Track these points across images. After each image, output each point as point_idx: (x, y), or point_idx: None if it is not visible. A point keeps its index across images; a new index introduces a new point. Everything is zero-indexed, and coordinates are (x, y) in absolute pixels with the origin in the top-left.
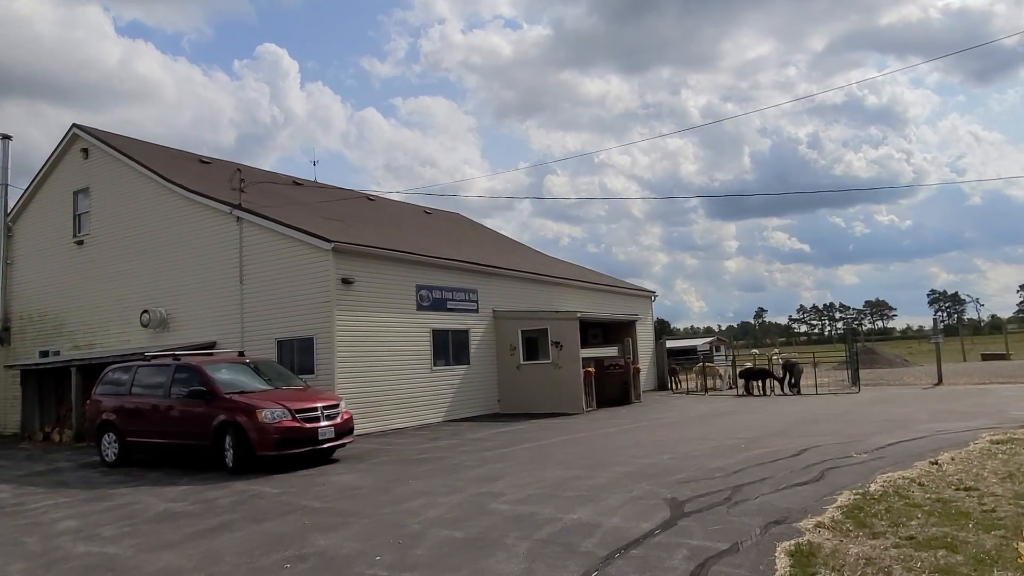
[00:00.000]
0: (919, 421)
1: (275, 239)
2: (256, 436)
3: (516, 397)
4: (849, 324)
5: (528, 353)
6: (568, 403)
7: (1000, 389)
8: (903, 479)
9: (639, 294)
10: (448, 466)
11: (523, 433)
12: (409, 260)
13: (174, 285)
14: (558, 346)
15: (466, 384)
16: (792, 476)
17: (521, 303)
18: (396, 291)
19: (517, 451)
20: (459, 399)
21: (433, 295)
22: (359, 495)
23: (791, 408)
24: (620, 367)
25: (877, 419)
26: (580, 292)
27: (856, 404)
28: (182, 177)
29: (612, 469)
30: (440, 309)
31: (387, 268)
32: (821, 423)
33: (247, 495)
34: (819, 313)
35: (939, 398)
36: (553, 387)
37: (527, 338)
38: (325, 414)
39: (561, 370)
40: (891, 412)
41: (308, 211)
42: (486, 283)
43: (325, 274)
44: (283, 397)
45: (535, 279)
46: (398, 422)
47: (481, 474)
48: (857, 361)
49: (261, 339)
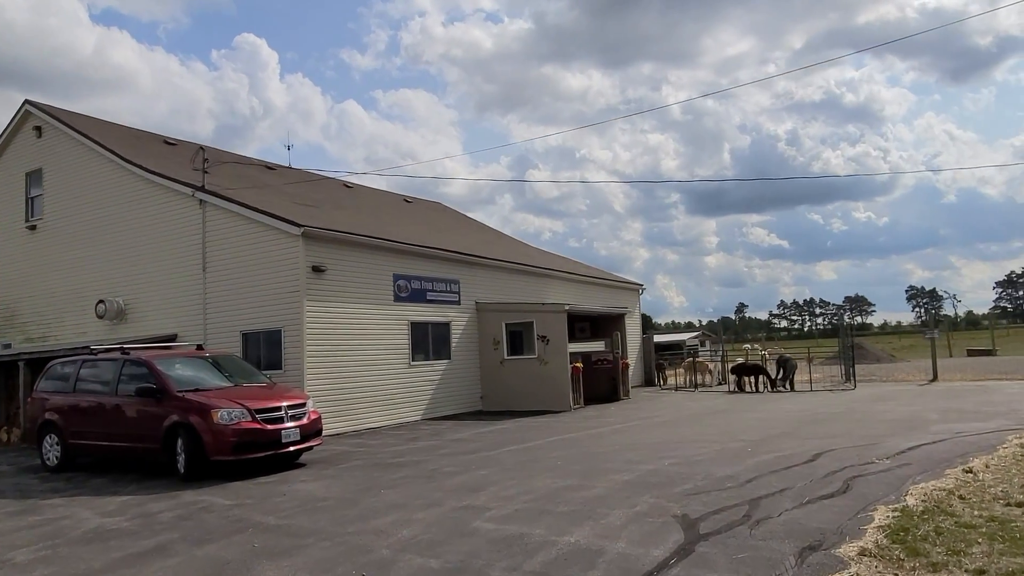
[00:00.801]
0: (931, 421)
1: (240, 223)
2: (210, 439)
3: (500, 394)
4: (842, 318)
5: (513, 348)
6: (555, 400)
7: (1001, 386)
8: (940, 491)
9: (627, 287)
10: (425, 473)
11: (508, 433)
12: (386, 248)
13: (133, 273)
14: (544, 340)
15: (447, 380)
16: (814, 487)
17: (505, 295)
18: (372, 281)
19: (502, 454)
20: (439, 396)
21: (412, 285)
22: (322, 509)
23: (789, 406)
24: (608, 362)
25: (885, 419)
26: (567, 284)
27: (856, 402)
28: (143, 158)
29: (609, 477)
30: (419, 300)
31: (362, 256)
32: (827, 423)
33: (195, 508)
34: (799, 309)
35: (942, 396)
36: (539, 383)
37: (511, 332)
38: (290, 414)
39: (547, 365)
40: (897, 411)
41: (280, 196)
42: (468, 273)
43: (294, 261)
44: (243, 395)
45: (520, 270)
46: (373, 421)
47: (462, 483)
48: (853, 357)
49: (225, 332)
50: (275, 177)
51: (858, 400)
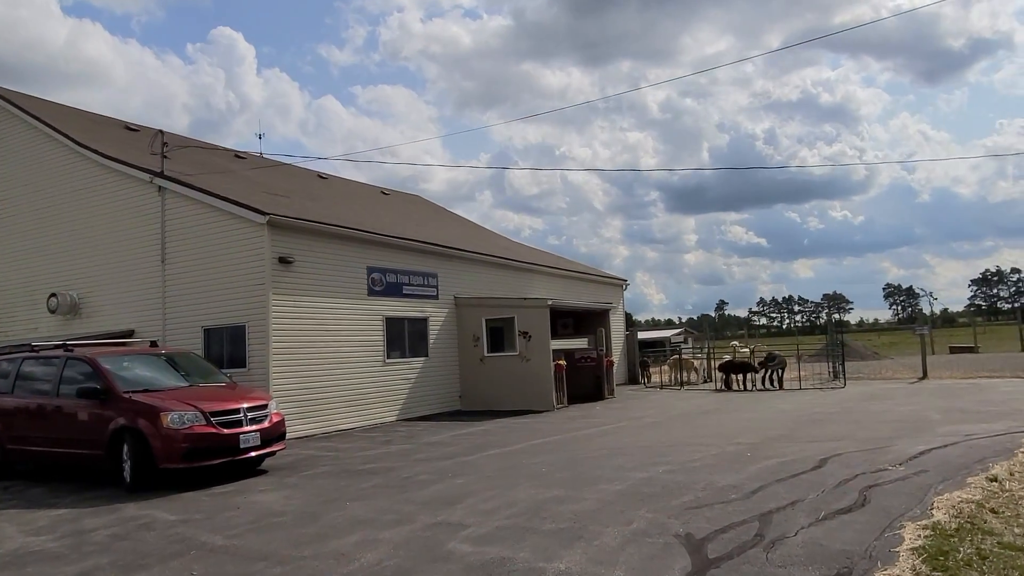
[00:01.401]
0: (935, 422)
1: (202, 212)
2: (159, 445)
3: (480, 393)
4: (829, 316)
5: (493, 344)
6: (537, 399)
7: (993, 384)
8: (968, 503)
9: (610, 282)
10: (397, 481)
11: (488, 436)
12: (359, 238)
13: (88, 265)
14: (526, 337)
15: (424, 379)
16: (828, 499)
17: (486, 289)
18: (344, 273)
19: (481, 460)
20: (416, 395)
21: (387, 279)
22: (278, 526)
23: (781, 405)
24: (592, 360)
25: (886, 419)
26: (549, 279)
27: (850, 401)
28: (101, 143)
29: (599, 487)
30: (395, 295)
31: (333, 247)
32: (825, 424)
33: (134, 525)
34: (778, 306)
35: (937, 394)
36: (521, 382)
37: (492, 328)
38: (249, 417)
39: (529, 363)
40: (896, 411)
41: (248, 185)
42: (447, 267)
43: (259, 252)
44: (198, 397)
45: (501, 263)
46: (345, 422)
47: (437, 493)
48: (843, 354)
49: (186, 327)
50: (245, 166)
51: (851, 399)
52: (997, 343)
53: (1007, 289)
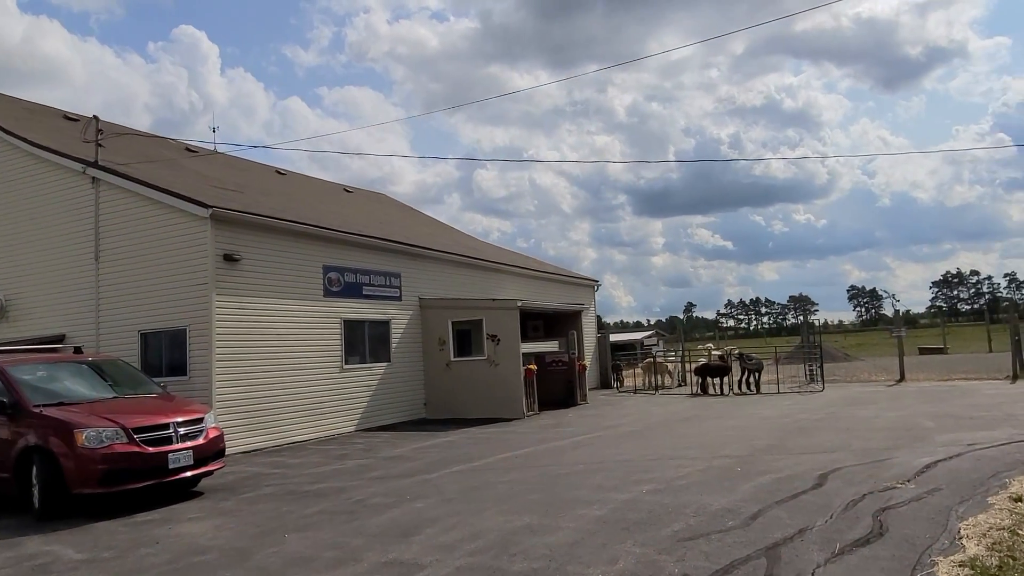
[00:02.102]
0: (930, 430)
1: (139, 205)
2: (72, 466)
3: (446, 400)
4: (805, 316)
5: (461, 348)
6: (506, 407)
7: (974, 387)
8: (999, 530)
9: (582, 283)
10: (347, 506)
11: (453, 449)
12: (314, 235)
13: (15, 264)
14: (495, 340)
15: (386, 385)
16: (839, 526)
17: (452, 290)
18: (297, 272)
19: (444, 478)
20: (377, 404)
21: (345, 279)
22: (198, 568)
23: (763, 411)
24: (564, 363)
25: (876, 427)
26: (519, 280)
27: (833, 406)
28: (34, 132)
29: (577, 512)
30: (354, 296)
31: (286, 244)
32: (814, 433)
33: (31, 566)
34: (746, 308)
35: (921, 398)
36: (489, 388)
37: (459, 331)
38: (181, 433)
39: (498, 368)
40: (885, 417)
41: (198, 179)
42: (412, 266)
43: (201, 249)
44: (121, 410)
45: (468, 263)
46: (298, 434)
47: (391, 522)
48: (821, 357)
49: (122, 331)
50: (198, 162)
51: (834, 404)
52: (963, 344)
53: (967, 291)
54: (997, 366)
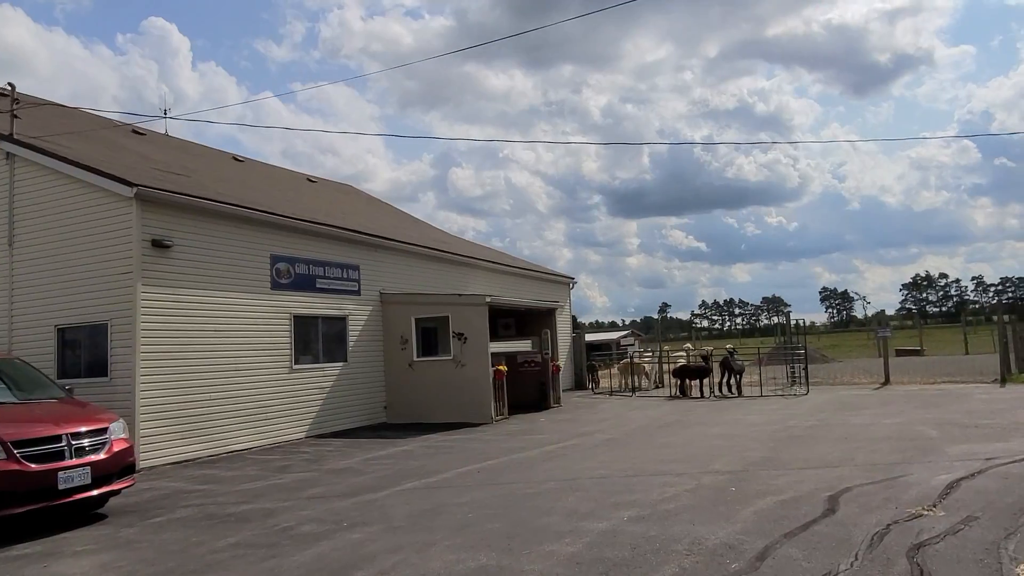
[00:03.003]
0: (936, 440)
1: (59, 183)
2: None
3: (408, 403)
4: (788, 316)
5: (425, 347)
6: (473, 410)
7: (965, 391)
8: None
9: (557, 280)
10: (271, 535)
11: (409, 459)
12: (260, 221)
13: None
14: (461, 339)
15: (342, 387)
16: (870, 571)
17: (418, 285)
18: (240, 262)
19: (393, 498)
20: (331, 407)
21: (296, 270)
22: None
23: (749, 417)
24: (536, 364)
25: (876, 436)
26: (490, 276)
27: (822, 411)
28: None
29: (545, 547)
30: (306, 289)
31: (227, 230)
32: (810, 443)
33: None
34: (720, 309)
35: (913, 403)
36: (455, 390)
37: (424, 328)
38: (77, 446)
39: (465, 369)
40: (882, 425)
41: (141, 162)
42: (372, 258)
43: (126, 233)
44: (2, 420)
45: (435, 256)
46: (239, 442)
47: (316, 560)
48: (806, 358)
49: (36, 326)
50: (143, 143)
51: (822, 409)
52: (938, 346)
53: (935, 294)
54: (980, 368)
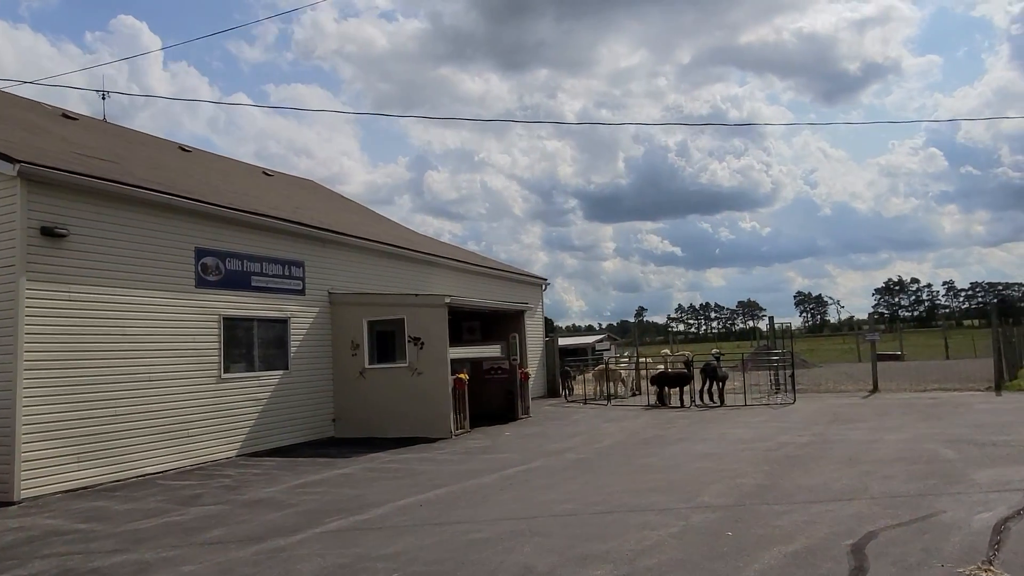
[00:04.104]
0: (955, 463)
1: None
2: None
3: (359, 416)
4: (771, 319)
5: (381, 353)
6: (430, 424)
7: (962, 400)
8: None
9: (529, 281)
10: None
11: (344, 487)
12: (182, 209)
13: None
14: (418, 343)
15: (281, 399)
16: None
17: (372, 285)
18: (157, 256)
19: (306, 546)
20: (269, 421)
21: (227, 266)
22: None
23: (737, 431)
24: (504, 371)
25: (884, 457)
26: (456, 275)
27: (816, 424)
28: None
29: None
30: (239, 287)
31: (140, 219)
32: (811, 466)
33: None
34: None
35: (911, 414)
36: (410, 401)
37: (379, 332)
38: None
39: (422, 377)
40: (887, 442)
41: (60, 145)
42: (320, 254)
43: (8, 218)
44: None
45: (393, 253)
46: (152, 464)
47: None
48: (794, 365)
49: None
50: (72, 127)
51: (815, 421)
52: (916, 350)
53: (908, 298)
54: (968, 374)
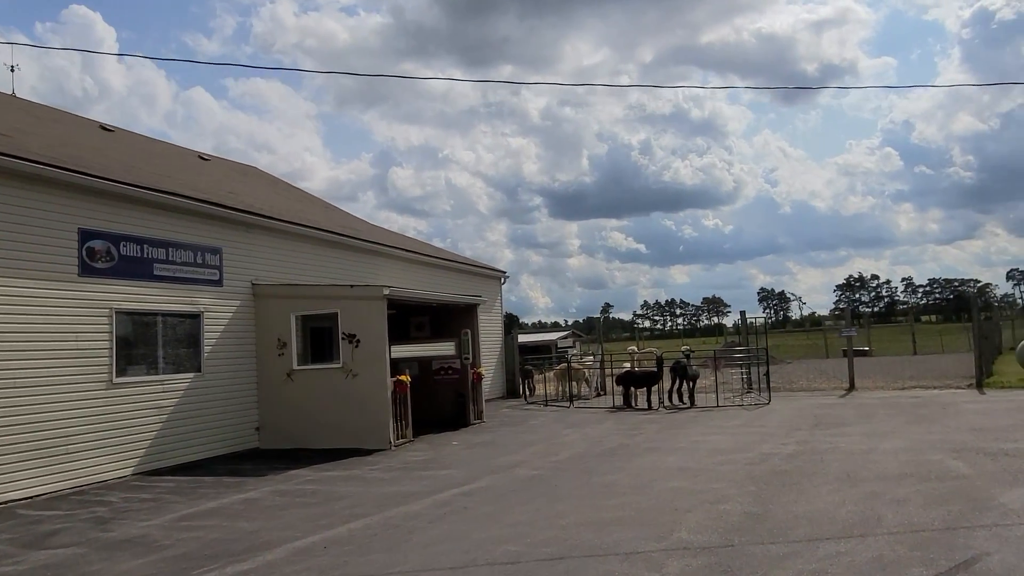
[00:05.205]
0: (968, 478)
1: None
2: None
3: (287, 424)
4: (743, 315)
5: (316, 352)
6: (367, 433)
7: (946, 398)
8: None
9: (486, 274)
10: None
11: (240, 519)
12: (61, 182)
13: None
14: (353, 341)
15: (192, 406)
16: None
17: (307, 276)
18: (27, 238)
19: None
20: (176, 433)
21: (121, 251)
22: None
23: (713, 439)
24: (454, 372)
25: (887, 472)
26: (406, 267)
27: (798, 429)
28: None
29: None
30: (137, 276)
31: (5, 194)
32: (804, 485)
33: None
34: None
35: (898, 415)
36: (344, 406)
37: (312, 329)
38: None
39: (357, 379)
40: (883, 451)
41: None
42: (243, 240)
43: None
44: None
45: (332, 241)
46: (19, 488)
47: None
48: (768, 363)
49: None
50: None
51: (797, 426)
52: (882, 345)
53: (868, 294)
54: (942, 370)
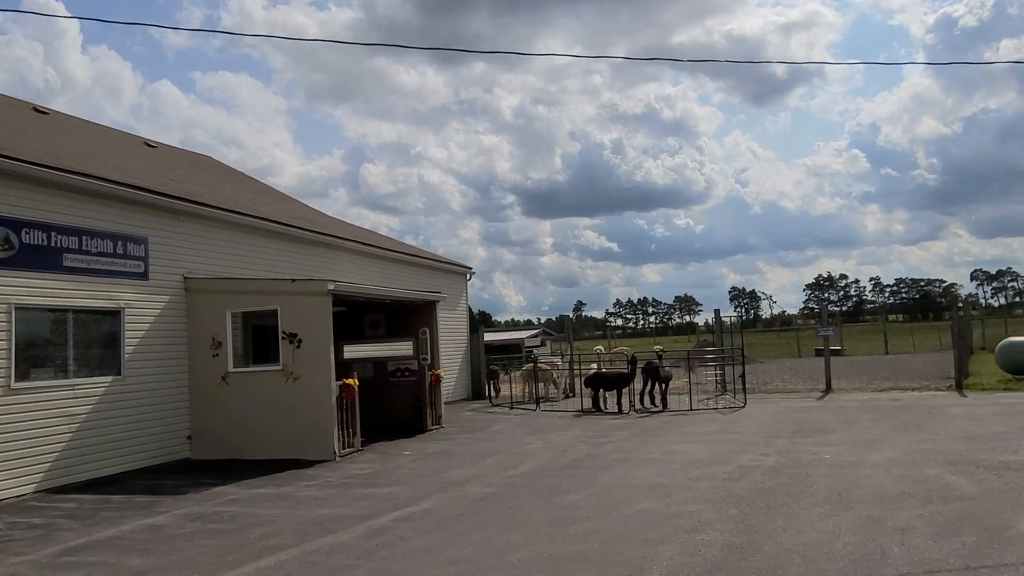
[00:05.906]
0: (976, 498)
1: None
2: None
3: (221, 431)
4: (718, 314)
5: (257, 353)
6: (309, 441)
7: (927, 401)
8: None
9: (450, 269)
10: None
11: (132, 556)
12: None
13: None
14: (295, 341)
15: (111, 413)
16: None
17: (249, 270)
18: None
19: None
20: (90, 443)
21: (24, 239)
22: None
23: (685, 447)
24: (411, 373)
25: (883, 492)
26: (364, 261)
27: (778, 437)
28: None
29: None
30: (43, 268)
31: None
32: (790, 507)
33: None
34: (634, 307)
35: (882, 420)
36: (284, 413)
37: (254, 328)
38: None
39: (299, 383)
40: (873, 464)
41: None
42: (172, 230)
43: None
44: None
45: (277, 232)
46: None
47: None
48: (744, 364)
49: None
50: None
51: (776, 432)
52: (853, 344)
53: (836, 294)
54: (919, 371)
